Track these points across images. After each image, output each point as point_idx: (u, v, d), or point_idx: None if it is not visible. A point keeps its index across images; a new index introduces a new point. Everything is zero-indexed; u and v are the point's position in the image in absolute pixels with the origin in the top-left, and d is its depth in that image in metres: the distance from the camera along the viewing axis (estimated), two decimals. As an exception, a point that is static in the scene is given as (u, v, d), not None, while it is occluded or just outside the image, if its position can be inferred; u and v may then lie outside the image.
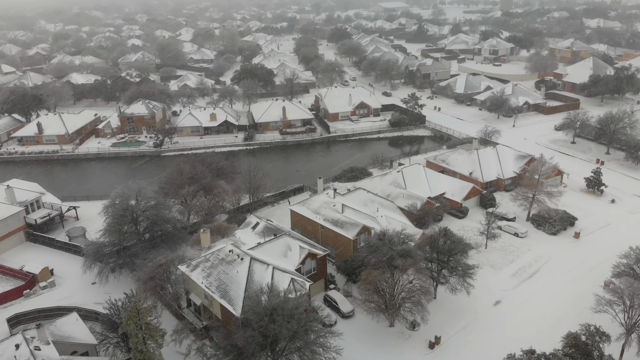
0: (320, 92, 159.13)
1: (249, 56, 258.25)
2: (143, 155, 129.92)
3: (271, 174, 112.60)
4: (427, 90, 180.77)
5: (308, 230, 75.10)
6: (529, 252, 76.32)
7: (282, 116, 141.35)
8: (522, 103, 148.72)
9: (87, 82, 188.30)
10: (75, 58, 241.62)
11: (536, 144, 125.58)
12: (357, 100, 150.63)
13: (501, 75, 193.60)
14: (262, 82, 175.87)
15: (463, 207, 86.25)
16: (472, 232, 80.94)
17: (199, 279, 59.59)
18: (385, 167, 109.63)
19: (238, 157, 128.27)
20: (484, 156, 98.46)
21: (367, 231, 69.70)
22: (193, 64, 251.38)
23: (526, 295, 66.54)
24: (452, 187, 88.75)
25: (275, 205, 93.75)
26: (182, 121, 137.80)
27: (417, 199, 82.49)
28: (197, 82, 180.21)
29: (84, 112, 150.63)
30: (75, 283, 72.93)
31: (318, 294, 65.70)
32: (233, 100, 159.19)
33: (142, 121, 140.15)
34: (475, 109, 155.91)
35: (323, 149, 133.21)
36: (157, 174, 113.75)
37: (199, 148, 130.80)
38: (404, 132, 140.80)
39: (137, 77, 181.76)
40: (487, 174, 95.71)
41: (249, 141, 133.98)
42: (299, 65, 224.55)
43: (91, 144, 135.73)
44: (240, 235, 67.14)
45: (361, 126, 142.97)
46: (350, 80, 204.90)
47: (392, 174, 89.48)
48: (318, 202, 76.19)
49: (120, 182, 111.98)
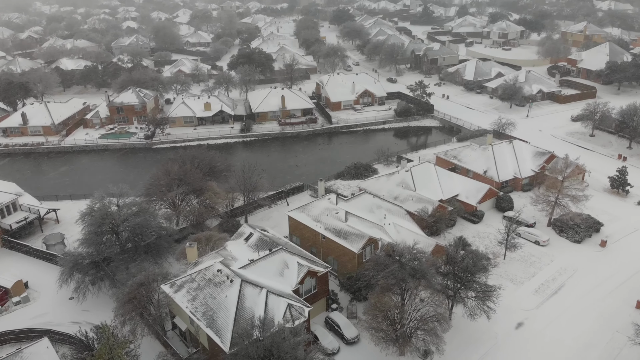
0: (321, 79, 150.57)
1: (248, 39, 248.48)
2: (133, 147, 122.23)
3: (269, 170, 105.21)
4: (435, 77, 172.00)
5: (307, 238, 67.95)
6: (552, 263, 69.07)
7: (281, 105, 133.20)
8: (536, 91, 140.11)
9: (78, 67, 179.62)
10: (67, 42, 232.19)
11: (552, 136, 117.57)
12: (361, 88, 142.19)
13: (511, 60, 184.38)
14: (261, 67, 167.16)
15: (478, 211, 78.83)
16: (489, 240, 73.69)
17: (183, 302, 52.56)
18: (391, 162, 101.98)
19: (234, 149, 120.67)
20: (499, 152, 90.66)
21: (374, 243, 62.47)
22: (189, 47, 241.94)
23: (551, 316, 59.47)
24: (466, 189, 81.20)
25: (272, 207, 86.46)
26: (175, 111, 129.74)
27: (427, 203, 75.05)
28: (192, 68, 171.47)
29: (72, 101, 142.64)
30: (51, 298, 66.01)
31: (319, 315, 58.78)
32: (229, 88, 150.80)
33: (132, 111, 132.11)
34: (486, 97, 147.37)
35: (324, 140, 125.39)
36: (147, 168, 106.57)
37: (193, 140, 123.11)
38: (410, 122, 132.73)
39: (129, 62, 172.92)
40: (503, 172, 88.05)
41: (246, 132, 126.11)
42: (300, 49, 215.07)
43: (79, 135, 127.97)
44: (232, 248, 59.92)
45: (365, 116, 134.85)
46: (353, 65, 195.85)
47: (400, 174, 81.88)
48: (319, 208, 68.78)
49: (107, 178, 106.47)
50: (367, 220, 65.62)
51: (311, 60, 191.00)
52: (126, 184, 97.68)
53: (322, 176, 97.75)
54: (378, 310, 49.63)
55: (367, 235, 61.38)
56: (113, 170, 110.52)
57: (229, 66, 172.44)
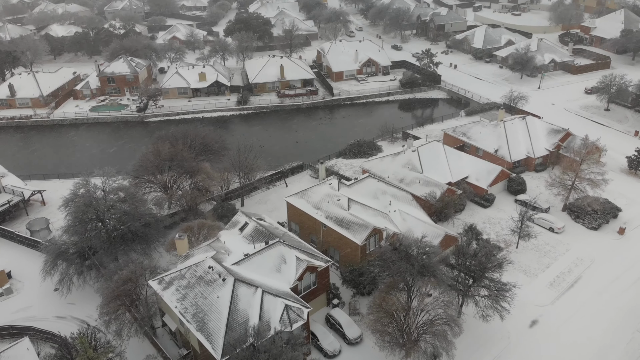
0: (322, 47, 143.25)
1: (246, 2, 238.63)
2: (125, 121, 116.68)
3: (267, 147, 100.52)
4: (442, 44, 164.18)
5: (307, 226, 63.61)
6: (568, 252, 64.84)
7: (279, 76, 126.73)
8: (549, 61, 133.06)
9: (69, 34, 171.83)
10: (58, 6, 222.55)
11: (565, 110, 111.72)
12: (364, 57, 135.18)
13: (521, 27, 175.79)
14: (258, 33, 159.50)
15: (489, 195, 74.13)
16: (500, 227, 69.30)
17: (172, 300, 48.60)
18: (396, 139, 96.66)
19: (230, 123, 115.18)
20: (511, 130, 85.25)
21: (379, 233, 58.11)
22: (185, 11, 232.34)
23: (567, 313, 55.63)
24: (477, 170, 76.22)
25: (270, 188, 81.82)
26: (168, 82, 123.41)
27: (435, 186, 70.28)
28: (187, 34, 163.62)
29: (62, 71, 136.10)
30: (36, 289, 62.22)
31: (319, 311, 55.01)
32: (226, 56, 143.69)
33: (124, 81, 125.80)
34: (496, 67, 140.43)
35: (325, 114, 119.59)
36: (140, 143, 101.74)
37: (187, 113, 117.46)
38: (416, 94, 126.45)
39: (121, 28, 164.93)
40: (515, 151, 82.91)
41: (243, 105, 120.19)
42: (300, 14, 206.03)
43: (68, 107, 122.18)
44: (226, 239, 55.59)
45: (368, 87, 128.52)
46: (356, 30, 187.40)
47: (406, 154, 76.78)
48: (319, 194, 64.08)
49: (98, 154, 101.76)
50: (370, 208, 61.04)
51: (312, 25, 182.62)
52: (116, 163, 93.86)
53: (324, 154, 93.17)
54: (383, 312, 45.66)
55: (371, 225, 56.91)
56: (104, 146, 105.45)
57: (226, 32, 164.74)
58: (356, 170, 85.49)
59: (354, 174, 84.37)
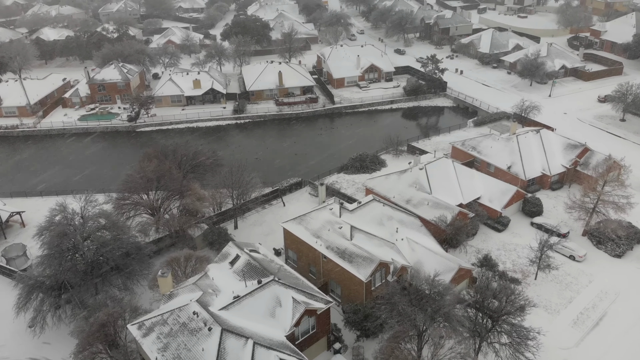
0: (323, 52, 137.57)
1: (244, 4, 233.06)
2: (115, 131, 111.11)
3: (263, 159, 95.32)
4: (446, 48, 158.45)
5: (305, 255, 58.07)
6: (591, 284, 59.23)
7: (278, 83, 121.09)
8: (559, 67, 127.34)
9: (60, 37, 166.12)
10: (51, 8, 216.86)
11: (579, 120, 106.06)
12: (367, 63, 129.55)
13: (528, 30, 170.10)
14: (257, 37, 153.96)
15: (503, 217, 68.49)
16: (516, 254, 63.70)
17: (152, 350, 43.01)
18: (400, 152, 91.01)
19: (226, 133, 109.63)
20: (525, 144, 79.58)
21: (385, 267, 52.55)
22: (182, 13, 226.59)
23: (594, 356, 50.06)
24: (490, 190, 70.56)
25: (266, 208, 76.21)
26: (161, 89, 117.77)
27: (446, 209, 64.70)
28: (183, 38, 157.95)
29: (51, 77, 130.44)
30: (9, 325, 56.63)
31: (319, 355, 49.44)
32: (222, 61, 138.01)
33: (115, 89, 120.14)
34: (503, 73, 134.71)
35: (326, 123, 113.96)
36: (131, 155, 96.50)
37: (180, 122, 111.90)
38: (421, 101, 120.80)
39: (114, 32, 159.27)
40: (529, 168, 77.23)
41: (239, 114, 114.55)
42: (300, 16, 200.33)
43: (57, 116, 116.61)
44: (215, 275, 50.01)
45: (371, 94, 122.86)
46: (358, 33, 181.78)
47: (414, 172, 71.15)
48: (319, 220, 58.47)
49: (86, 167, 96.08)
50: (376, 237, 55.43)
51: (312, 28, 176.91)
52: (104, 177, 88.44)
53: (324, 167, 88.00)
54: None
55: (376, 259, 51.29)
56: (93, 158, 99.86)
57: (222, 36, 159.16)
58: (359, 188, 79.97)
59: (356, 192, 78.97)
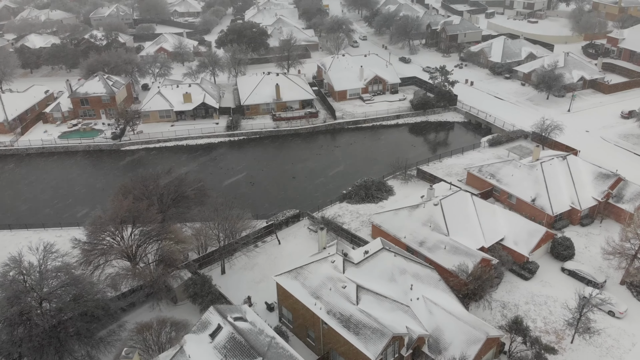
0: (323, 62, 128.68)
1: (242, 8, 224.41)
2: (99, 149, 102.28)
3: (258, 183, 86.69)
4: (454, 56, 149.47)
5: (302, 316, 49.23)
6: (634, 348, 50.37)
7: (275, 96, 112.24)
8: (577, 79, 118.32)
9: (47, 45, 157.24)
10: (41, 13, 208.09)
11: (602, 139, 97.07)
12: (371, 74, 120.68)
13: (540, 36, 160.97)
14: (253, 44, 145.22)
15: (530, 263, 59.56)
16: (547, 309, 54.79)
17: None
18: (409, 178, 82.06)
19: (218, 151, 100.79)
20: (551, 173, 70.71)
21: (399, 340, 43.65)
22: (177, 17, 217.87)
23: None
24: (514, 230, 61.62)
25: (259, 246, 67.35)
26: (149, 103, 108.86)
27: (466, 255, 55.84)
28: (175, 45, 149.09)
29: (32, 89, 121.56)
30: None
31: None
32: (216, 71, 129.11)
33: (99, 103, 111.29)
34: (517, 84, 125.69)
35: (327, 140, 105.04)
36: (115, 178, 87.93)
37: (169, 140, 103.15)
38: (429, 116, 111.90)
39: (103, 39, 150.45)
40: (557, 201, 68.27)
41: (233, 130, 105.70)
42: (299, 21, 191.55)
43: (37, 133, 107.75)
44: (191, 351, 41.19)
45: (375, 109, 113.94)
46: (360, 39, 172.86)
47: (427, 208, 62.29)
48: (319, 275, 49.53)
49: (64, 194, 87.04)
50: (387, 299, 46.51)
51: (312, 35, 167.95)
52: (84, 204, 79.72)
53: (325, 193, 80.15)
54: None
55: (388, 333, 42.34)
56: (73, 181, 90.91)
57: (217, 43, 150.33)
58: (364, 222, 71.15)
59: (361, 226, 70.19)
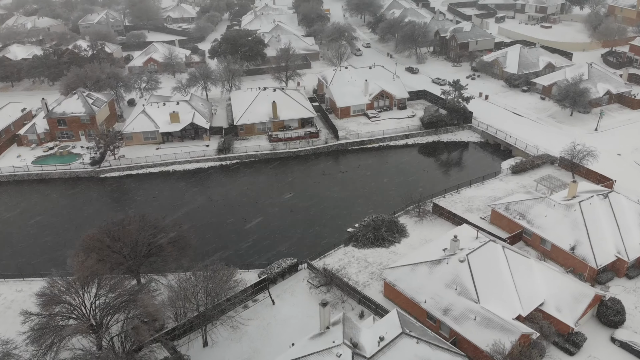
0: (324, 75, 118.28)
1: (239, 13, 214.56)
2: (76, 177, 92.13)
3: (250, 218, 76.51)
4: (465, 65, 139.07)
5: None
6: None
7: (272, 115, 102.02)
8: (603, 93, 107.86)
9: (30, 55, 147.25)
10: (27, 20, 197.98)
11: (636, 163, 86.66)
12: (376, 88, 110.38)
13: (556, 43, 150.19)
14: (249, 54, 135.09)
15: (576, 335, 49.20)
16: (604, 399, 44.54)
17: None
18: (424, 215, 71.58)
19: (208, 179, 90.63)
20: (591, 214, 60.38)
21: None
22: (170, 23, 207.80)
23: None
24: (556, 292, 51.24)
25: (249, 307, 57.00)
26: (132, 124, 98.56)
27: (501, 330, 45.54)
28: (166, 56, 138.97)
29: (7, 108, 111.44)
30: None
31: None
32: (208, 85, 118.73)
33: (78, 123, 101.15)
34: (536, 98, 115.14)
35: (329, 163, 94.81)
36: (94, 213, 78.18)
37: (153, 165, 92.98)
38: (441, 135, 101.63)
39: (88, 49, 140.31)
40: (600, 249, 57.87)
41: (225, 153, 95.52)
42: (299, 28, 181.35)
43: (9, 158, 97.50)
44: None
45: (382, 127, 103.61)
46: (364, 47, 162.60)
47: (451, 265, 52.03)
48: (321, 369, 39.35)
49: (35, 232, 76.43)
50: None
51: (312, 43, 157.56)
52: (53, 247, 69.98)
53: (326, 231, 69.92)
54: None
55: None
56: (43, 218, 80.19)
57: (210, 53, 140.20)
58: (374, 273, 60.93)
59: (371, 280, 60.12)
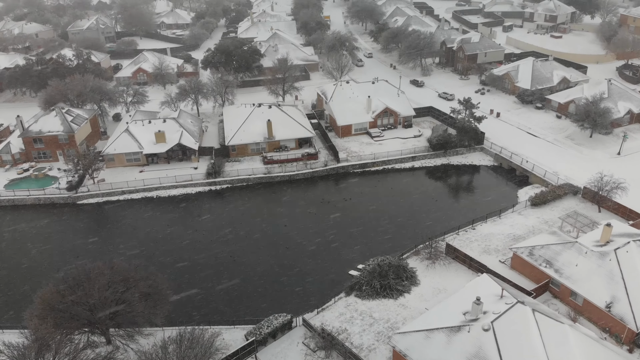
0: (324, 90, 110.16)
1: (235, 19, 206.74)
2: (51, 203, 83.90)
3: (239, 255, 68.34)
4: (473, 78, 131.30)
5: None
6: None
7: (267, 134, 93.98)
8: (624, 112, 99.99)
9: (13, 64, 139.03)
10: (15, 26, 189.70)
11: (668, 193, 78.57)
12: (380, 105, 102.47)
13: (567, 55, 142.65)
14: (245, 64, 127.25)
15: None
16: None
17: None
18: (437, 257, 63.45)
19: (195, 205, 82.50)
20: (628, 264, 52.36)
21: None
22: (164, 29, 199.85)
23: None
24: (598, 369, 43.20)
25: (236, 375, 48.94)
26: (114, 144, 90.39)
27: (535, 422, 37.38)
28: (156, 67, 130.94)
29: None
30: None
31: None
32: (199, 99, 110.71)
33: (55, 143, 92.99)
34: (551, 116, 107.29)
35: (329, 189, 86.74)
36: (72, 248, 69.81)
37: (135, 191, 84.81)
38: (451, 157, 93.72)
39: (74, 58, 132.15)
40: (639, 306, 49.94)
41: (215, 177, 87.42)
42: (297, 36, 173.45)
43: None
44: None
45: (386, 148, 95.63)
46: (366, 57, 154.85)
47: (473, 333, 43.90)
48: None
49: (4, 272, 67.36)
50: None
51: (311, 53, 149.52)
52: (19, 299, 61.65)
53: (326, 275, 61.51)
54: None
55: None
56: (11, 254, 72.04)
57: (203, 64, 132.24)
58: (379, 334, 52.84)
59: (377, 342, 51.94)
